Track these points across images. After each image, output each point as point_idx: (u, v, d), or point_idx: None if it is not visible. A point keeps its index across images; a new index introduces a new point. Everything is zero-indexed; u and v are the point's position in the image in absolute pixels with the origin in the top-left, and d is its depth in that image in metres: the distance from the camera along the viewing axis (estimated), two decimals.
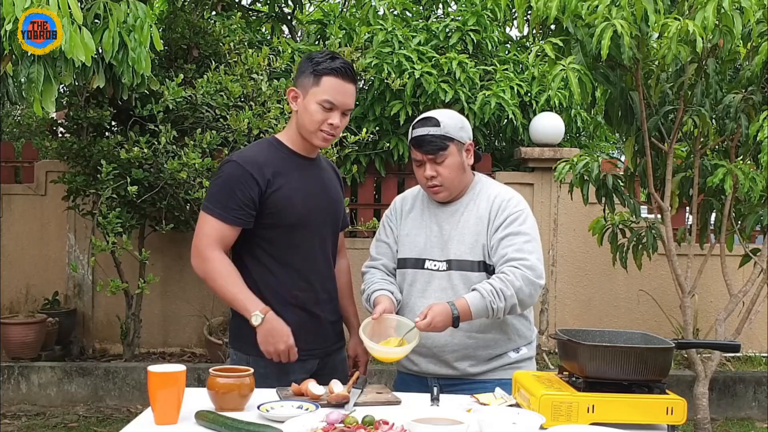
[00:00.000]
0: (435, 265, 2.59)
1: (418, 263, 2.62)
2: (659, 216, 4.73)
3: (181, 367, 2.09)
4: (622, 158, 5.64)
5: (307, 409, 2.12)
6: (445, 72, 6.14)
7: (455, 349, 2.55)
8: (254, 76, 5.28)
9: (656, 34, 4.04)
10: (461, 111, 6.15)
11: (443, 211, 2.64)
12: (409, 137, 2.63)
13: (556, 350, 2.58)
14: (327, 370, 2.58)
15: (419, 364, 2.61)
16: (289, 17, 7.58)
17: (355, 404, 2.18)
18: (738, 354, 6.11)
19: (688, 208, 5.39)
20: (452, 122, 2.58)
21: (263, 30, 7.59)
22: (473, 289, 2.45)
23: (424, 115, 2.62)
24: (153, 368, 2.06)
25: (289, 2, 7.48)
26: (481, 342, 2.56)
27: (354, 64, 5.88)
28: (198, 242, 2.55)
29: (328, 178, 2.72)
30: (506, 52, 7.03)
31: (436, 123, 2.55)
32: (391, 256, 2.70)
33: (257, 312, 2.46)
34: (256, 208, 2.51)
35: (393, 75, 5.98)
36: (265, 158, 2.56)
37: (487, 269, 2.54)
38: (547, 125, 6.28)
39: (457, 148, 2.57)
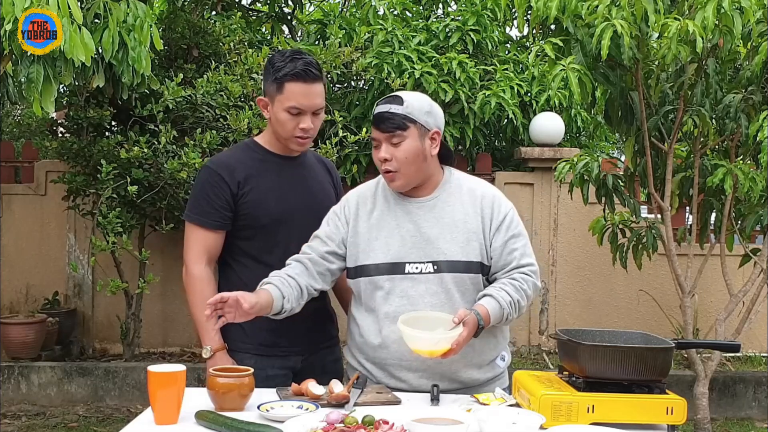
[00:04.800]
0: (417, 268, 2.35)
1: (396, 268, 2.35)
2: (659, 216, 4.73)
3: (181, 367, 2.08)
4: (622, 158, 5.64)
5: (307, 409, 2.12)
6: (445, 72, 6.13)
7: (456, 359, 2.29)
8: (254, 76, 5.28)
9: (656, 34, 4.04)
10: (461, 111, 6.17)
11: (418, 207, 2.41)
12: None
13: (556, 350, 2.57)
14: (315, 369, 2.53)
15: (408, 381, 2.38)
16: (289, 17, 7.57)
17: (355, 404, 2.18)
18: (738, 354, 6.11)
19: (688, 208, 5.39)
20: (418, 104, 2.37)
21: (263, 30, 7.59)
22: (487, 295, 2.28)
23: (391, 94, 2.43)
24: (153, 368, 2.06)
25: (289, 2, 7.48)
26: (477, 347, 2.36)
27: (354, 64, 5.92)
28: (185, 254, 2.59)
29: (312, 176, 2.71)
30: (506, 52, 7.03)
31: (399, 101, 2.35)
32: (321, 255, 2.44)
33: (208, 347, 2.50)
34: (232, 209, 2.55)
35: (393, 75, 5.98)
36: (237, 161, 2.59)
37: (483, 270, 2.37)
38: (547, 125, 6.28)
39: (419, 132, 2.34)
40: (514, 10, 4.46)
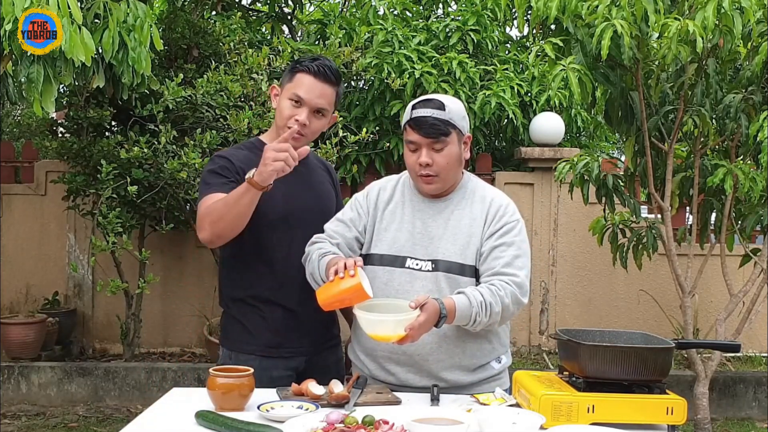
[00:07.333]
0: (417, 264, 2.36)
1: (397, 261, 2.38)
2: (659, 216, 4.73)
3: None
4: (623, 158, 5.64)
5: (307, 409, 2.12)
6: (445, 72, 6.14)
7: (441, 358, 2.34)
8: (254, 76, 5.28)
9: (656, 34, 4.04)
10: None
11: (430, 207, 2.43)
12: (407, 117, 2.39)
13: (556, 350, 2.57)
14: (317, 370, 2.50)
15: (396, 374, 2.38)
16: (289, 17, 7.57)
17: (355, 404, 2.17)
18: (738, 354, 6.11)
19: (688, 208, 5.39)
20: (456, 109, 2.37)
21: (263, 30, 7.59)
22: (460, 292, 2.25)
23: (427, 96, 2.41)
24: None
25: (289, 2, 7.48)
26: (468, 350, 2.36)
27: (354, 64, 5.92)
28: (199, 223, 2.47)
29: (315, 177, 2.71)
30: (506, 52, 7.03)
31: (440, 106, 2.33)
32: (347, 242, 2.45)
33: (250, 172, 2.35)
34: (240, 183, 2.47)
35: (393, 75, 5.98)
36: (245, 156, 2.58)
37: (477, 275, 2.36)
38: (547, 125, 6.28)
39: (458, 138, 2.37)
40: (514, 10, 4.47)
